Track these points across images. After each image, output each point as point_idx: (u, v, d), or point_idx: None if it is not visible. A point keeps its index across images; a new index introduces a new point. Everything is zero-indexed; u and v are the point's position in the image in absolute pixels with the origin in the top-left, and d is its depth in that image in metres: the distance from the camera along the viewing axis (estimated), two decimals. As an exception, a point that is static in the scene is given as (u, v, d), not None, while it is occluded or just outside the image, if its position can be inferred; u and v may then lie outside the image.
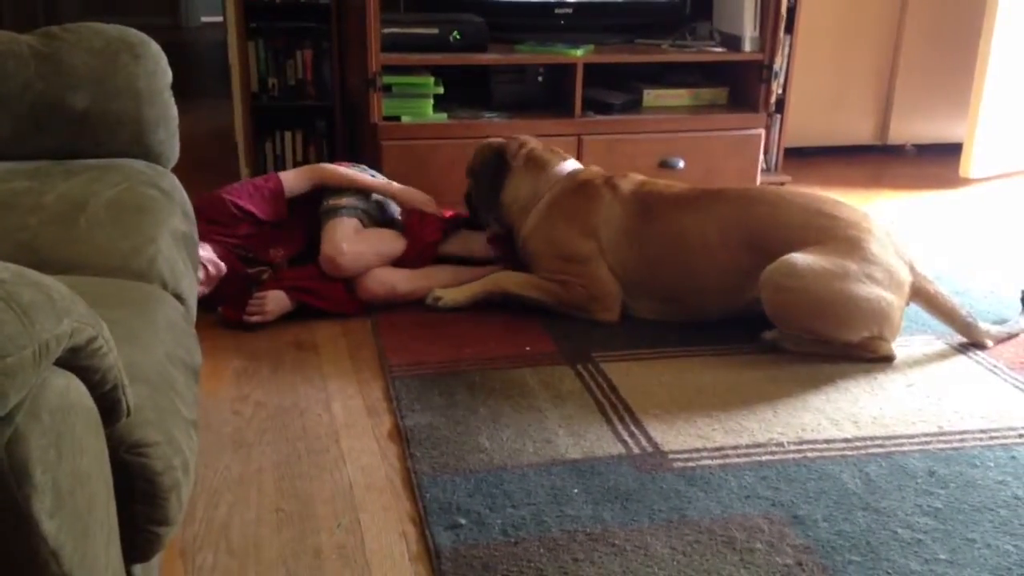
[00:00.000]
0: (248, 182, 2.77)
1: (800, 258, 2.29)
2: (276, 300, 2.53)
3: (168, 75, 2.21)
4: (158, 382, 1.37)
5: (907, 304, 2.37)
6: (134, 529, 1.21)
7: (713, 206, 2.49)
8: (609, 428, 2.01)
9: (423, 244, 2.71)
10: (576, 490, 1.79)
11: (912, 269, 2.36)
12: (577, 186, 2.65)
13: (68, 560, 0.98)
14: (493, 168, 2.74)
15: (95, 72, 2.11)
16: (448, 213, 2.87)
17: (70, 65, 2.10)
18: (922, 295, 2.38)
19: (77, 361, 1.03)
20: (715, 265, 2.45)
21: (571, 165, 2.74)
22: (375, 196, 2.84)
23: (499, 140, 2.82)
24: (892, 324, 2.32)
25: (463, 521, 1.69)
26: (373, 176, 2.90)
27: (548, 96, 3.49)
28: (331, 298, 2.59)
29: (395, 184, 2.87)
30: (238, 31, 3.57)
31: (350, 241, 2.61)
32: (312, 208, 2.76)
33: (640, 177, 2.66)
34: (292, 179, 2.78)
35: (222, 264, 2.53)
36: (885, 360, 2.33)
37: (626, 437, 1.98)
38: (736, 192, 2.55)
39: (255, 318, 2.49)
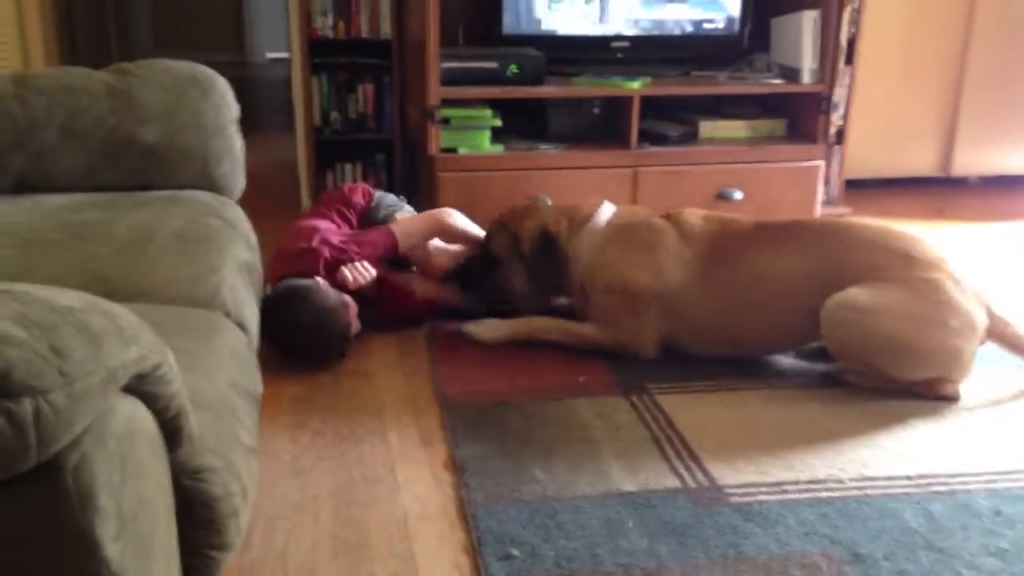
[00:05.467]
0: (365, 237, 2.72)
1: (862, 293, 2.23)
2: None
3: (234, 109, 2.27)
4: (220, 409, 1.39)
5: (981, 344, 2.29)
6: (193, 554, 1.23)
7: (790, 245, 2.39)
8: (664, 461, 1.99)
9: (406, 309, 2.73)
10: (631, 523, 1.77)
11: (989, 311, 2.28)
12: (637, 223, 2.56)
13: (130, 583, 0.99)
14: (544, 246, 2.60)
15: (165, 107, 2.17)
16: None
17: (141, 101, 2.16)
18: (999, 336, 2.30)
19: (143, 387, 1.05)
20: (793, 307, 2.35)
21: (609, 205, 2.67)
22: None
23: (509, 221, 2.69)
24: (960, 367, 2.25)
25: (516, 552, 1.68)
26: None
27: (604, 128, 3.50)
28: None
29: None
30: (302, 66, 3.66)
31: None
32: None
33: (700, 212, 2.56)
34: (410, 234, 2.76)
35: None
36: (950, 400, 2.26)
37: (682, 470, 1.96)
38: (813, 228, 2.43)
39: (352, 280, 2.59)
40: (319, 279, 2.53)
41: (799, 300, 2.34)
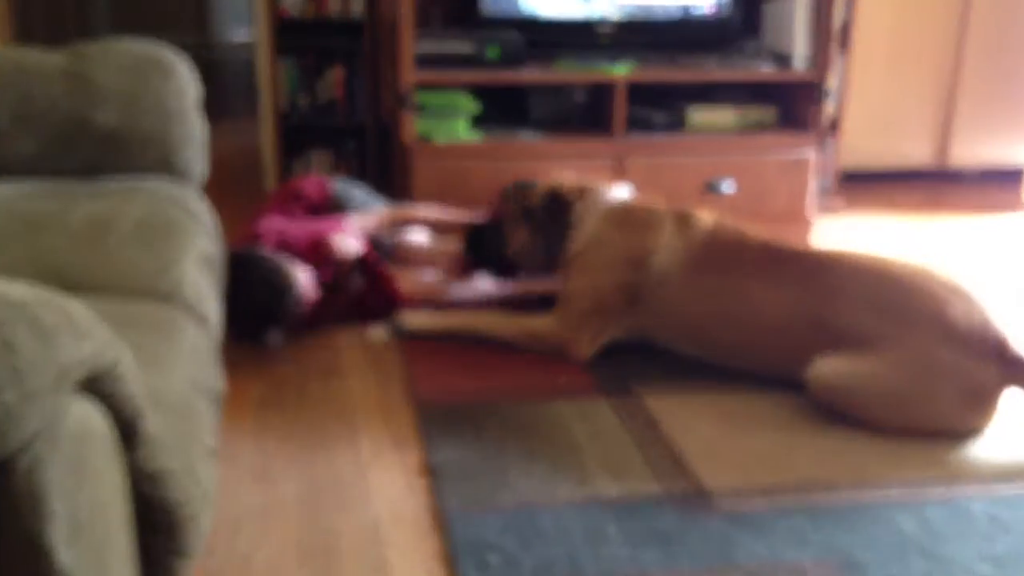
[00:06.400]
0: (315, 225, 2.67)
1: (845, 371, 2.09)
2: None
3: (197, 93, 2.21)
4: (179, 409, 1.36)
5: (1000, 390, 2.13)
6: (151, 560, 1.21)
7: (783, 276, 2.25)
8: (648, 466, 1.93)
9: (392, 300, 2.67)
10: (613, 531, 1.71)
11: (1008, 356, 2.05)
12: (639, 208, 2.51)
13: (84, 592, 0.96)
14: (550, 204, 2.57)
15: (124, 90, 2.11)
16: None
17: (98, 83, 2.10)
18: (1016, 381, 2.07)
19: (98, 386, 1.03)
20: (775, 339, 2.24)
21: (629, 188, 2.62)
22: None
23: (524, 183, 2.73)
24: (967, 429, 2.10)
25: (493, 560, 1.63)
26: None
27: (588, 115, 3.43)
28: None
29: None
30: (269, 48, 3.56)
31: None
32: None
33: (714, 215, 2.46)
34: (367, 223, 2.75)
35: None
36: None
37: (667, 476, 1.90)
38: (812, 263, 2.26)
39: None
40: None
41: (782, 336, 2.24)
